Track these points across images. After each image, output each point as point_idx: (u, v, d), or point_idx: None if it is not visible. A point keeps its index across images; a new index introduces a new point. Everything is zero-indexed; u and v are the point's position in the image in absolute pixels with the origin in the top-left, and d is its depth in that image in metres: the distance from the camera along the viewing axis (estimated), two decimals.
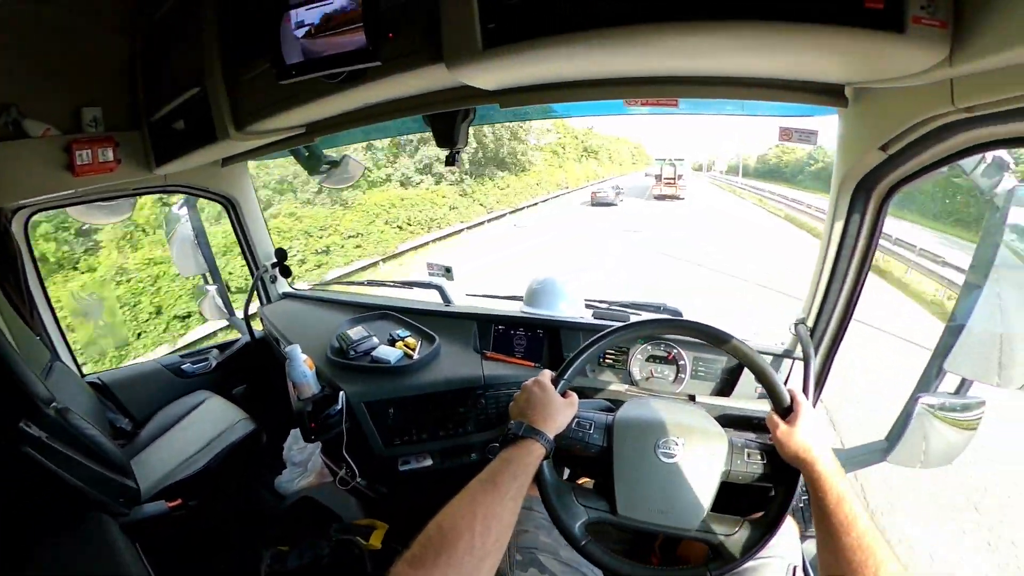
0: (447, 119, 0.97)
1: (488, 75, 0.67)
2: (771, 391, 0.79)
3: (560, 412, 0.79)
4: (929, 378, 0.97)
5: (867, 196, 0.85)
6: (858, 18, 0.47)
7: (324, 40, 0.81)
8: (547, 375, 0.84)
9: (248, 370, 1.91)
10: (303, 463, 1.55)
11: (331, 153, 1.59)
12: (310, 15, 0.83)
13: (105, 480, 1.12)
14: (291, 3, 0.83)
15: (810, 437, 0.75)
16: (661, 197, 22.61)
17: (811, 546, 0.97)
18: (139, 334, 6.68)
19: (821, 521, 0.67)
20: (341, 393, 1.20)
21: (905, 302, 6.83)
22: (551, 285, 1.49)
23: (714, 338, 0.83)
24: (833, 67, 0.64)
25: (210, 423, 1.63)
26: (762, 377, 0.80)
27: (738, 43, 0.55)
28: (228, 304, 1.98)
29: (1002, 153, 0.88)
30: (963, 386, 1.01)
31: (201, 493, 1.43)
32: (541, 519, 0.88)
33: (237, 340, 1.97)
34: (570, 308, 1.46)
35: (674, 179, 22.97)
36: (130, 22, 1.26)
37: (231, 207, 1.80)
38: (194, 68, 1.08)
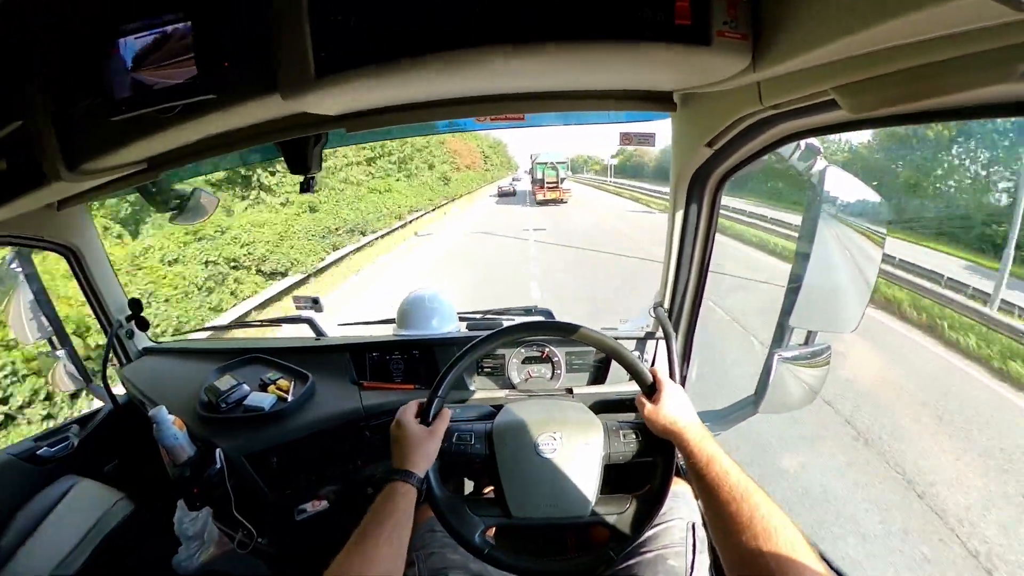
0: (298, 145, 0.93)
1: (325, 103, 0.65)
2: (633, 373, 0.87)
3: (422, 445, 0.82)
4: (781, 334, 1.12)
5: (702, 187, 0.97)
6: (670, 34, 0.53)
7: (154, 72, 0.74)
8: (410, 410, 0.86)
9: (117, 442, 1.65)
10: (199, 535, 1.37)
11: (182, 187, 1.43)
12: (139, 45, 0.75)
13: None
14: (120, 31, 0.75)
15: (675, 411, 0.83)
16: (544, 202, 22.63)
17: None
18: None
19: (699, 483, 0.74)
20: (218, 451, 1.11)
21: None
22: (420, 304, 1.50)
23: (564, 331, 0.89)
24: (659, 77, 0.71)
25: (83, 512, 1.38)
26: (622, 361, 0.88)
27: (567, 62, 0.59)
28: (83, 369, 1.69)
29: (813, 140, 1.05)
30: (810, 337, 1.20)
31: None
32: (445, 538, 0.88)
33: (99, 410, 1.69)
34: (443, 323, 1.48)
35: (557, 183, 22.79)
36: None
37: (72, 257, 1.54)
38: (14, 99, 0.92)
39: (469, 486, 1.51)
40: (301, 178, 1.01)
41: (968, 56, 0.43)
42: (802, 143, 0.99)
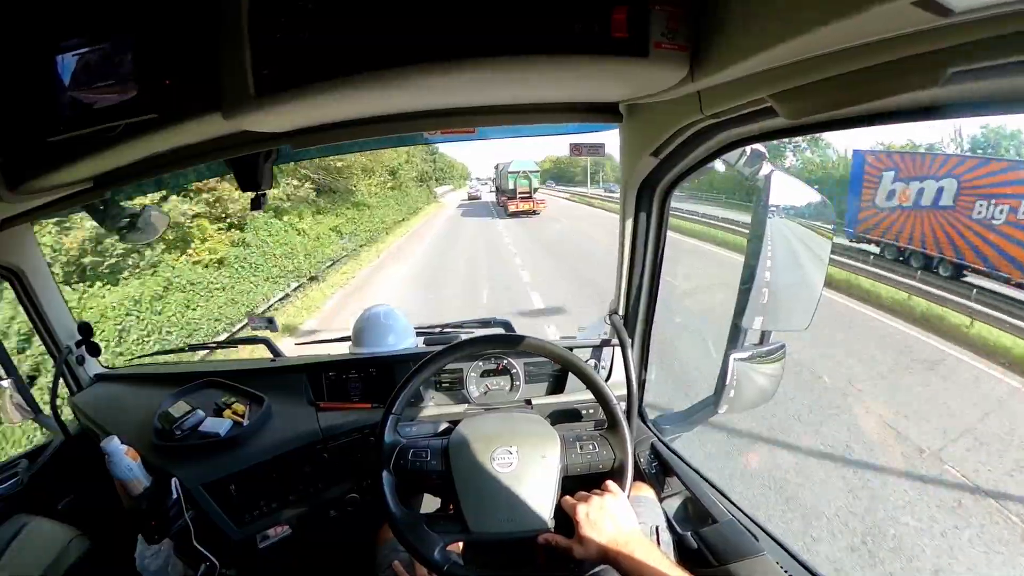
0: (248, 161, 0.91)
1: (268, 121, 0.65)
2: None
3: None
4: (735, 336, 1.16)
5: (650, 195, 1.00)
6: (608, 47, 0.54)
7: (94, 91, 0.72)
8: None
9: (71, 476, 1.56)
10: (161, 570, 1.31)
11: (131, 205, 1.39)
12: (78, 62, 0.73)
13: None
14: (58, 48, 0.73)
15: (605, 537, 0.75)
16: (516, 214, 21.50)
17: (669, 505, 1.10)
18: None
19: None
20: (173, 480, 1.06)
21: None
22: (375, 321, 1.49)
23: (512, 343, 0.90)
24: (601, 89, 0.73)
25: (36, 553, 1.30)
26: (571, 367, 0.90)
27: (510, 76, 0.60)
28: (30, 399, 1.60)
29: (758, 145, 1.10)
30: (763, 337, 1.24)
31: None
32: (407, 557, 0.88)
33: (49, 443, 1.60)
34: (399, 339, 1.47)
35: (531, 193, 21.64)
36: None
37: (16, 280, 1.47)
38: None
39: (432, 503, 1.50)
40: None
41: (898, 61, 0.45)
42: (747, 149, 1.02)
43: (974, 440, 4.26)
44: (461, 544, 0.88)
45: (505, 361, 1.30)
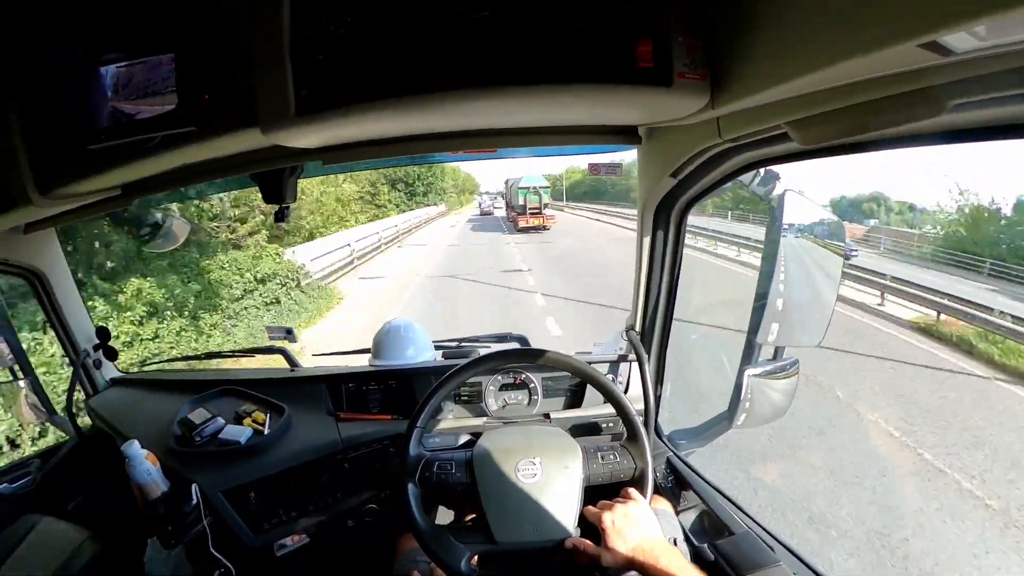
0: (274, 175, 0.94)
1: (304, 138, 0.67)
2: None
3: None
4: (749, 353, 1.17)
5: (667, 215, 1.02)
6: (633, 76, 0.56)
7: (135, 102, 0.75)
8: None
9: (83, 477, 1.58)
10: (171, 574, 1.31)
11: (154, 212, 1.42)
12: (121, 74, 0.76)
13: None
14: (103, 60, 0.75)
15: (631, 544, 0.75)
16: (527, 230, 21.44)
17: (685, 518, 1.10)
18: None
19: None
20: (193, 486, 1.07)
21: None
22: (395, 334, 1.50)
23: (533, 358, 0.92)
24: (624, 114, 0.76)
25: (47, 553, 1.31)
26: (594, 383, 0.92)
27: (538, 102, 0.62)
28: (46, 400, 1.62)
29: (772, 166, 1.11)
30: (777, 353, 1.24)
31: None
32: (428, 565, 0.88)
33: (63, 444, 1.62)
34: (419, 352, 1.48)
35: (540, 209, 21.63)
36: None
37: (38, 282, 1.50)
38: None
39: (446, 515, 1.50)
40: None
41: (904, 94, 0.48)
42: (761, 170, 1.05)
43: None
44: (477, 556, 0.88)
45: (524, 375, 1.32)
